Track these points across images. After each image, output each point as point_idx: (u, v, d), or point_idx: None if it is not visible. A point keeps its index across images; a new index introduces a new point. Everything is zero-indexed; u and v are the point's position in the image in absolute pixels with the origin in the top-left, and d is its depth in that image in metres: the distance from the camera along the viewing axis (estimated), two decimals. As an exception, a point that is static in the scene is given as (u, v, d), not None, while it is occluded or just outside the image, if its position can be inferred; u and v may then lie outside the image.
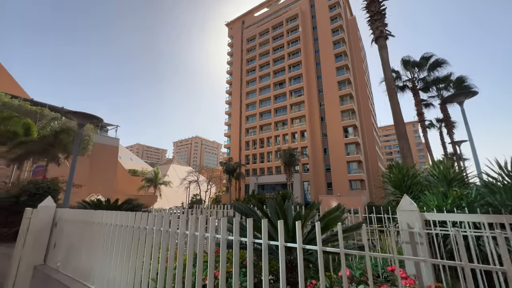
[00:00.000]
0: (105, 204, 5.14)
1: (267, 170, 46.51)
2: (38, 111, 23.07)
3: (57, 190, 7.11)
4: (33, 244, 4.33)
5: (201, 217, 2.31)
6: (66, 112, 6.54)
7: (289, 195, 10.26)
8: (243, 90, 54.90)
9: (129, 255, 2.80)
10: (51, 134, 12.43)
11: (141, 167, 51.32)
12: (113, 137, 38.07)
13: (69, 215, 4.29)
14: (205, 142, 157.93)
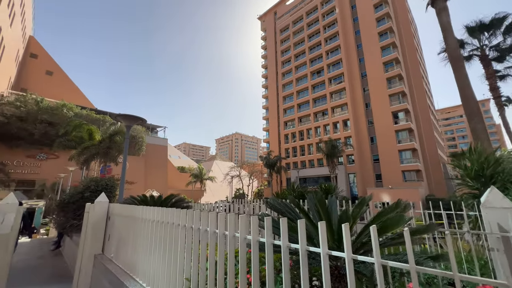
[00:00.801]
0: (150, 200, 5.41)
1: (308, 163, 45.09)
2: (101, 118, 26.58)
3: (114, 187, 7.81)
4: (92, 235, 4.78)
5: (230, 215, 2.07)
6: (116, 116, 7.05)
7: (333, 189, 9.55)
8: (279, 82, 53.89)
9: (165, 252, 2.76)
10: (107, 138, 14.11)
11: (188, 164, 55.08)
12: (162, 137, 41.53)
13: (118, 210, 4.59)
14: (244, 137, 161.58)
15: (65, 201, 7.24)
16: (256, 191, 50.22)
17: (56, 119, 26.51)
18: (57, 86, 37.23)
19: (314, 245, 1.95)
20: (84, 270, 4.67)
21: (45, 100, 27.54)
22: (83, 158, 13.66)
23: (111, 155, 14.49)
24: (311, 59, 49.06)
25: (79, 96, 38.95)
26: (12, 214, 3.92)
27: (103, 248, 4.84)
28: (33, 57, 37.36)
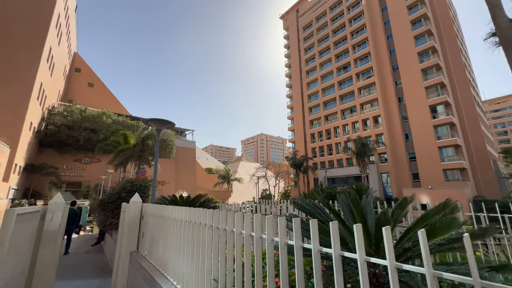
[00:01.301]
0: (179, 200, 5.58)
1: (336, 162, 43.45)
2: (134, 124, 28.55)
3: (147, 188, 8.24)
4: (127, 234, 5.06)
5: (257, 216, 1.99)
6: (147, 120, 7.44)
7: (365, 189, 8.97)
8: (304, 81, 52.83)
9: (193, 251, 2.77)
10: (140, 141, 15.10)
11: (215, 166, 56.54)
12: (190, 140, 43.19)
13: (150, 209, 4.80)
14: (269, 138, 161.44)
15: (104, 201, 7.84)
16: (282, 192, 49.75)
17: (97, 126, 29.10)
18: (98, 96, 40.89)
19: (348, 250, 1.79)
20: (122, 266, 4.95)
21: (87, 109, 30.39)
22: (119, 161, 14.86)
23: (144, 158, 15.46)
24: (337, 54, 47.30)
25: (116, 104, 42.31)
26: (60, 212, 4.29)
27: (137, 245, 5.09)
28: (77, 71, 41.53)
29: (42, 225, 4.23)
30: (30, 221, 3.78)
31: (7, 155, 18.08)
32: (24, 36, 21.93)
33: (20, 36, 21.75)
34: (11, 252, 3.14)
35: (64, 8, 28.60)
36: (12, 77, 20.44)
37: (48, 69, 25.21)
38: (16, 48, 21.35)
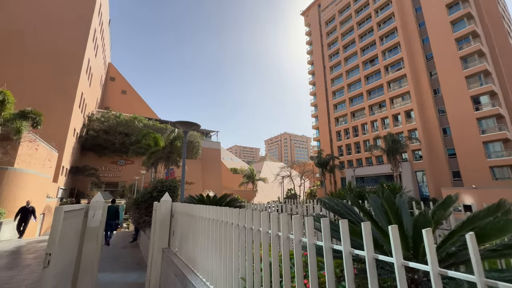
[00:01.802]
0: (206, 199, 5.74)
1: (365, 160, 41.46)
2: (163, 127, 30.09)
3: (176, 187, 8.62)
4: (159, 231, 5.33)
5: (283, 215, 1.97)
6: (174, 123, 7.75)
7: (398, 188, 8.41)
8: (327, 77, 51.24)
9: (220, 249, 2.82)
10: (169, 143, 15.88)
11: (240, 166, 57.31)
12: (215, 141, 44.30)
13: (179, 208, 5.01)
14: (293, 137, 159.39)
15: (138, 200, 8.36)
16: (308, 191, 48.80)
17: (130, 130, 31.21)
18: (130, 102, 43.83)
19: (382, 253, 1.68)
20: (155, 261, 5.24)
21: (122, 115, 32.73)
22: (150, 162, 15.82)
23: (173, 159, 16.24)
24: (362, 48, 45.12)
25: (146, 108, 44.98)
26: (100, 210, 4.66)
27: (169, 242, 5.34)
28: (112, 80, 44.92)
29: (85, 222, 4.64)
30: (76, 218, 4.17)
31: (55, 159, 20.19)
32: (67, 51, 24.28)
33: (63, 51, 24.13)
34: (62, 245, 3.48)
35: (99, 23, 31.12)
36: (58, 88, 22.75)
37: (87, 79, 27.64)
38: (60, 62, 23.73)
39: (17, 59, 22.08)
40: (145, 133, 19.64)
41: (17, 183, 13.47)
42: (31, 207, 11.57)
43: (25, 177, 14.10)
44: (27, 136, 13.93)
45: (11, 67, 21.43)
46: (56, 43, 24.03)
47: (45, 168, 17.92)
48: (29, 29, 23.20)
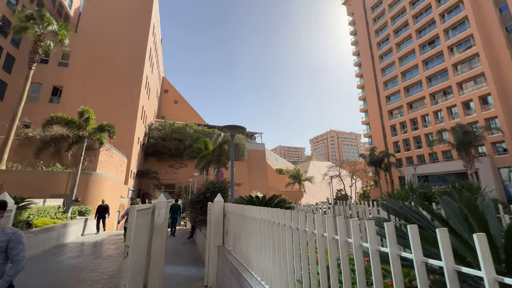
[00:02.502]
0: (256, 200, 5.88)
1: (428, 157, 36.54)
2: (211, 132, 32.09)
3: (226, 188, 9.07)
4: (214, 230, 5.69)
5: (340, 218, 1.88)
6: (222, 127, 8.16)
7: (476, 188, 7.12)
8: (377, 67, 46.98)
9: (274, 250, 2.86)
10: (218, 147, 16.85)
11: (285, 166, 56.96)
12: (259, 143, 45.06)
13: (231, 208, 5.25)
14: (341, 134, 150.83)
15: (194, 200, 9.09)
16: (360, 192, 45.46)
17: (183, 136, 34.21)
18: (181, 110, 48.06)
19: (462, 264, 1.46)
20: (212, 258, 5.60)
21: (175, 123, 36.16)
22: (202, 165, 17.10)
23: (222, 161, 17.19)
24: (418, 29, 40.00)
25: (195, 115, 48.63)
26: (164, 209, 5.23)
27: (223, 241, 5.64)
28: (165, 92, 50.04)
29: (153, 219, 5.27)
30: (145, 216, 4.77)
31: (125, 164, 23.50)
32: (129, 71, 28.08)
33: (127, 71, 27.98)
34: (136, 239, 4.03)
35: (153, 42, 35.06)
36: (124, 103, 26.45)
37: (146, 94, 31.41)
38: (125, 81, 27.56)
39: (96, 80, 26.52)
40: (195, 138, 21.28)
41: (99, 185, 16.14)
42: (105, 205, 13.56)
43: (104, 181, 16.78)
44: (105, 146, 16.57)
45: (91, 87, 25.86)
46: (122, 64, 28.01)
47: (118, 172, 21.03)
48: (106, 55, 27.62)
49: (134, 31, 29.68)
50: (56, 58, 26.14)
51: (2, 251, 2.37)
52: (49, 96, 25.83)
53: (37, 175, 14.32)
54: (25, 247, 2.49)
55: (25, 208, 8.75)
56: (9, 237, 2.38)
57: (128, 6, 30.31)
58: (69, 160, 15.61)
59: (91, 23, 28.36)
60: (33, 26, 14.82)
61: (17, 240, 2.40)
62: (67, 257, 8.37)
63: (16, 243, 2.39)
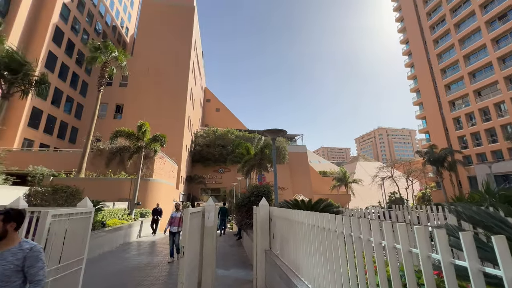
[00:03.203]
0: (301, 204, 5.75)
1: (508, 152, 30.62)
2: (252, 136, 32.78)
3: (270, 192, 9.09)
4: (260, 233, 5.74)
5: (401, 225, 1.70)
6: (263, 132, 8.27)
7: None
8: (431, 53, 41.71)
9: (325, 257, 2.73)
10: (259, 151, 17.10)
11: (329, 168, 54.49)
12: (301, 145, 44.13)
13: (276, 212, 5.23)
14: (390, 131, 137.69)
15: (239, 204, 9.35)
16: (419, 195, 40.55)
17: (225, 142, 35.72)
18: (223, 118, 50.34)
19: None
20: (259, 262, 5.65)
21: (218, 130, 38.05)
22: (246, 169, 17.59)
23: (264, 165, 17.37)
24: (483, 3, 34.27)
25: (236, 121, 50.34)
26: (212, 212, 5.51)
27: (270, 245, 5.65)
28: (208, 101, 53.17)
29: (203, 222, 5.60)
30: (197, 218, 5.09)
31: (176, 170, 25.61)
32: (176, 84, 30.73)
33: (174, 84, 30.69)
34: (190, 240, 4.33)
35: (195, 56, 37.76)
36: (172, 114, 28.99)
37: (191, 104, 33.89)
38: (173, 94, 30.24)
39: (149, 95, 29.80)
40: (237, 143, 22.00)
41: (155, 190, 17.91)
42: (159, 209, 14.80)
43: (159, 186, 18.56)
44: (158, 154, 18.38)
45: (146, 102, 29.14)
46: (170, 79, 30.87)
47: (170, 178, 23.04)
48: (156, 73, 30.93)
49: (178, 48, 32.48)
50: (117, 80, 30.27)
51: (18, 270, 2.01)
52: (113, 113, 29.99)
53: (107, 182, 16.67)
54: (45, 264, 2.17)
55: (100, 210, 10.24)
56: (25, 253, 2.05)
57: (172, 27, 33.42)
58: (129, 167, 17.79)
59: (143, 46, 32.10)
60: (100, 55, 17.50)
61: (35, 257, 2.07)
62: (132, 254, 9.48)
63: (34, 260, 2.06)
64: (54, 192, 7.90)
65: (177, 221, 8.13)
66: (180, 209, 8.41)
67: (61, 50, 26.79)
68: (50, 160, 19.30)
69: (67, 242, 4.35)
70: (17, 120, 21.81)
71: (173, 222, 8.18)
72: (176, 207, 8.58)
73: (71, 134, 28.87)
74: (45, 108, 24.63)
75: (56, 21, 25.62)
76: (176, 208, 8.53)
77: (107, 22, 36.67)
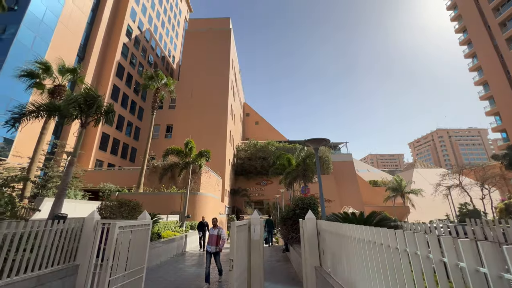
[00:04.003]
0: (352, 217, 5.32)
1: None
2: (292, 147, 32.33)
3: (315, 205, 8.69)
4: (309, 249, 5.45)
5: (486, 244, 1.41)
6: (304, 142, 8.11)
7: None
8: (498, 38, 35.88)
9: (386, 278, 2.43)
10: (301, 162, 16.66)
11: (380, 177, 49.83)
12: (345, 153, 41.67)
13: (324, 226, 4.93)
14: (453, 132, 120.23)
15: (284, 217, 9.14)
16: (500, 206, 33.73)
17: (266, 154, 35.98)
18: (262, 130, 51.14)
19: None
20: (310, 279, 5.33)
21: (258, 142, 38.67)
22: (287, 181, 17.29)
23: (307, 176, 16.82)
24: None
25: (276, 133, 50.51)
26: (258, 226, 5.49)
27: (320, 261, 5.31)
28: (247, 116, 54.85)
29: (249, 235, 5.60)
30: (243, 232, 5.13)
31: (221, 184, 26.63)
32: (217, 102, 32.67)
33: (215, 102, 32.67)
34: (238, 253, 4.36)
35: (233, 74, 39.81)
36: (215, 130, 30.67)
37: (231, 120, 35.42)
38: (215, 111, 32.14)
39: (194, 114, 32.27)
40: (278, 155, 21.91)
41: (203, 203, 18.83)
42: (205, 222, 14.58)
43: (206, 199, 19.47)
44: (204, 169, 19.46)
45: (191, 121, 31.59)
46: (211, 98, 33.04)
47: (215, 191, 24.02)
48: (199, 94, 33.56)
49: (218, 69, 34.83)
50: (167, 103, 33.74)
51: None
52: (165, 133, 33.22)
53: (161, 196, 18.24)
54: None
55: (156, 222, 11.18)
56: None
57: (211, 50, 36.17)
58: (179, 182, 19.20)
59: (187, 71, 35.37)
60: (152, 83, 19.87)
61: None
62: (186, 265, 9.98)
63: None
64: (120, 206, 8.96)
65: (214, 240, 6.91)
66: (217, 225, 7.17)
67: (122, 82, 31.29)
68: (116, 177, 22.13)
69: (131, 252, 4.84)
70: (91, 145, 25.88)
71: (210, 241, 6.99)
72: (213, 222, 7.25)
73: (131, 153, 32.83)
74: (111, 133, 28.73)
75: (118, 58, 30.24)
76: (213, 224, 7.21)
77: (157, 53, 41.71)
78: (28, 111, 7.76)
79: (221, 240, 7.03)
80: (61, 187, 6.73)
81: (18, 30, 19.86)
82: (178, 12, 52.12)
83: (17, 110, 7.82)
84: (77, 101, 6.57)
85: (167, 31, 45.91)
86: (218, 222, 7.44)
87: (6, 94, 18.69)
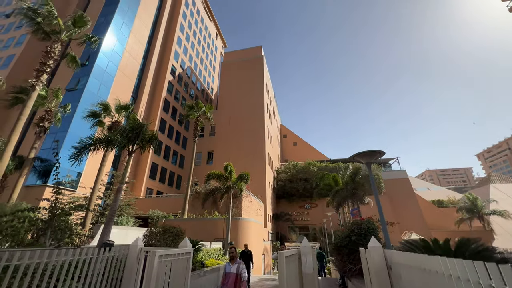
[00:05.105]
0: (433, 246, 4.10)
1: None
2: (336, 166, 30.15)
3: (375, 229, 7.35)
4: (378, 284, 4.33)
5: None
6: (353, 157, 7.15)
7: None
8: None
9: None
10: (349, 180, 15.02)
11: (446, 196, 42.68)
12: (398, 170, 37.25)
13: (398, 258, 3.86)
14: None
15: (337, 245, 7.89)
16: None
17: (307, 175, 34.21)
18: (302, 151, 49.62)
19: None
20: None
21: (298, 164, 37.27)
22: (337, 201, 15.64)
23: (358, 196, 14.99)
24: None
25: (316, 153, 48.41)
26: (310, 256, 4.64)
27: (395, 304, 4.12)
28: (284, 137, 54.31)
29: (300, 266, 4.76)
30: (293, 263, 4.35)
31: (263, 208, 25.72)
32: (254, 126, 33.11)
33: (252, 127, 33.15)
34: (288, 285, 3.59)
35: (268, 98, 40.55)
36: (253, 154, 30.64)
37: (269, 142, 35.25)
38: (252, 135, 32.49)
39: (232, 140, 33.11)
40: (321, 175, 20.45)
41: (246, 229, 18.12)
42: (249, 251, 12.30)
43: (249, 224, 18.75)
44: (245, 193, 19.07)
45: (230, 146, 32.34)
46: (249, 123, 33.74)
47: (258, 216, 23.16)
48: (237, 120, 34.73)
49: (253, 94, 35.95)
50: (207, 131, 35.55)
51: None
52: (206, 159, 34.52)
53: (204, 222, 18.20)
54: None
55: (199, 250, 10.85)
56: None
57: (246, 78, 37.88)
58: (221, 207, 19.05)
59: (225, 100, 37.30)
60: (193, 112, 21.15)
61: None
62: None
63: None
64: (164, 232, 8.93)
65: (232, 280, 4.67)
66: (236, 258, 4.96)
67: (168, 115, 34.34)
68: (163, 204, 23.18)
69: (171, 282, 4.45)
70: (142, 174, 28.13)
71: (225, 282, 4.74)
72: (231, 255, 5.04)
73: (177, 181, 34.63)
74: (159, 162, 31.00)
75: (164, 95, 33.64)
76: (230, 257, 5.02)
77: (197, 87, 45.44)
78: (87, 145, 8.63)
79: (242, 281, 4.65)
80: (110, 214, 6.97)
81: (87, 81, 23.77)
82: (214, 48, 57.13)
83: (79, 145, 8.76)
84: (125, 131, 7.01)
85: (205, 66, 50.24)
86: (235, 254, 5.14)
87: (79, 134, 21.95)
